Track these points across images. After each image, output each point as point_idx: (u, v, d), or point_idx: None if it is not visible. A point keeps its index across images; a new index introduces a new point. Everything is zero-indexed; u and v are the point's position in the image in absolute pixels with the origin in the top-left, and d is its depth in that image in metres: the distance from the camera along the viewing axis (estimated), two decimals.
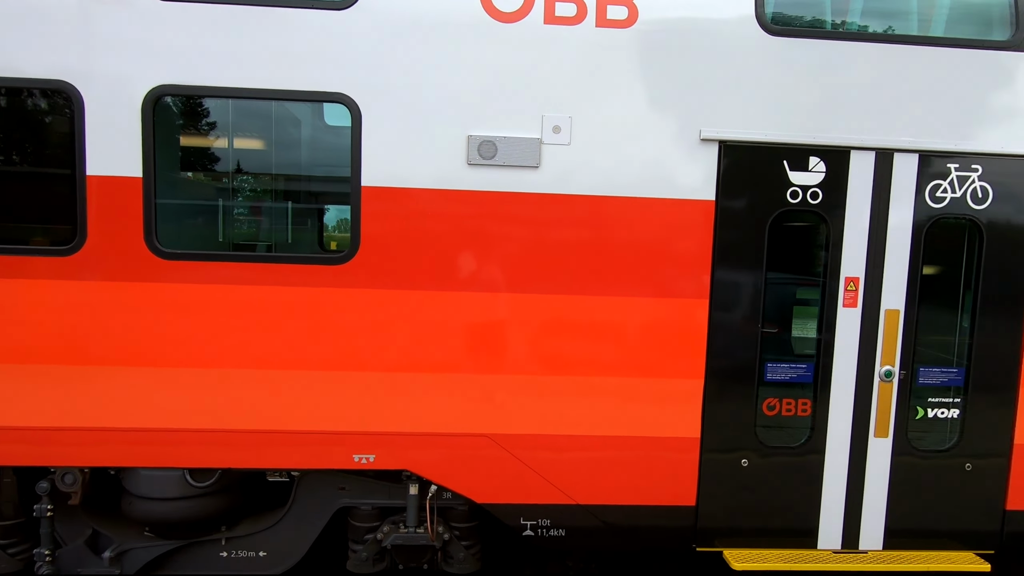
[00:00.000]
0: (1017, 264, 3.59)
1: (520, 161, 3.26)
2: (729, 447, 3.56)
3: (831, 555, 3.63)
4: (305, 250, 3.93)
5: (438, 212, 3.28)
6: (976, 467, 3.68)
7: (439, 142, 3.25)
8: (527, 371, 3.38)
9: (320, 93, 3.23)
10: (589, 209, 3.34)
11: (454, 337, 3.33)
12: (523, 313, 3.35)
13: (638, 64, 3.31)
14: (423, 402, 3.34)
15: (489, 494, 3.47)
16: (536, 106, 3.28)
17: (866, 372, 3.59)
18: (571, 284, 3.34)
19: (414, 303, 3.29)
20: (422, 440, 3.37)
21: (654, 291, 3.40)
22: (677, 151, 3.36)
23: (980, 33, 3.63)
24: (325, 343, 3.27)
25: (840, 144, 3.44)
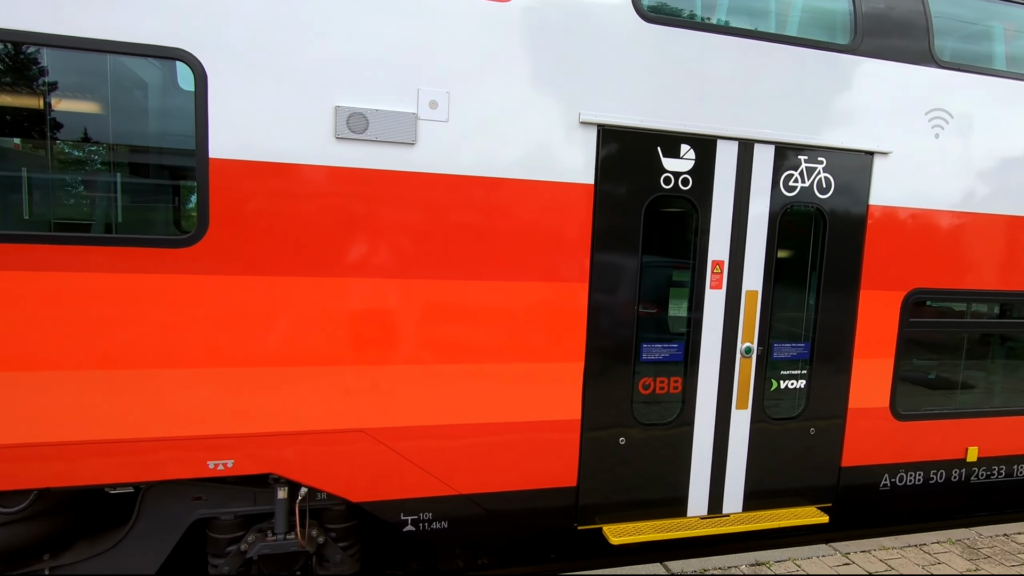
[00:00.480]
0: (853, 249, 3.94)
1: (394, 137, 3.06)
2: (608, 427, 3.62)
3: (699, 521, 3.85)
4: (158, 233, 3.38)
5: (302, 190, 2.98)
6: (818, 430, 4.05)
7: (302, 112, 2.95)
8: (403, 360, 3.20)
9: (154, 47, 2.78)
10: (469, 190, 3.21)
11: (322, 327, 3.07)
12: (398, 300, 3.16)
13: (518, 41, 3.22)
14: (289, 398, 3.06)
15: (366, 492, 3.28)
16: (412, 79, 3.08)
17: (729, 349, 3.79)
18: (449, 269, 3.20)
19: (274, 290, 2.98)
20: (289, 440, 3.09)
21: (535, 275, 3.34)
22: (557, 133, 3.32)
23: (826, 36, 3.89)
24: (168, 337, 2.87)
25: (708, 133, 3.56)
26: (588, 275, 3.43)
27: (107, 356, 2.82)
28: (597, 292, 3.47)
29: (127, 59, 3.03)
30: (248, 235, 2.92)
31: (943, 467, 4.37)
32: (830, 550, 3.74)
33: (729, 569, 3.48)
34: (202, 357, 2.91)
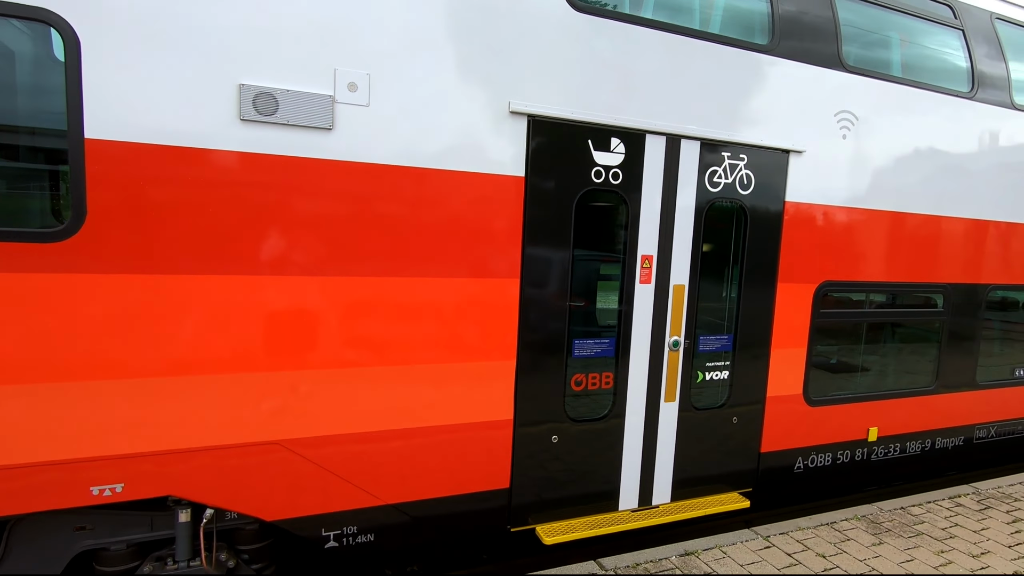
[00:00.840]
0: (771, 244, 4.08)
1: (308, 121, 2.80)
2: (541, 425, 3.55)
3: (630, 514, 3.87)
4: (31, 225, 2.82)
5: (200, 177, 2.65)
6: (740, 419, 4.19)
7: (200, 89, 2.62)
8: (321, 365, 2.96)
9: (12, 6, 2.35)
10: (392, 181, 2.99)
11: (226, 330, 2.76)
12: (315, 299, 2.91)
13: (445, 23, 3.05)
14: (190, 411, 2.74)
15: (282, 509, 3.01)
16: (328, 57, 2.83)
17: (658, 343, 3.82)
18: (371, 265, 2.99)
19: (166, 290, 2.65)
20: (190, 457, 2.77)
21: (463, 271, 3.19)
22: (486, 123, 3.18)
23: (747, 36, 3.97)
24: (35, 347, 2.47)
25: (637, 127, 3.53)
26: (519, 270, 3.33)
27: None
28: (528, 288, 3.37)
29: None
30: (134, 227, 2.55)
31: (848, 448, 4.68)
32: (752, 534, 3.87)
33: (660, 561, 3.51)
34: (79, 368, 2.54)
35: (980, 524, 4.16)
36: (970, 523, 4.17)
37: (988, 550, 3.80)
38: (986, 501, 4.55)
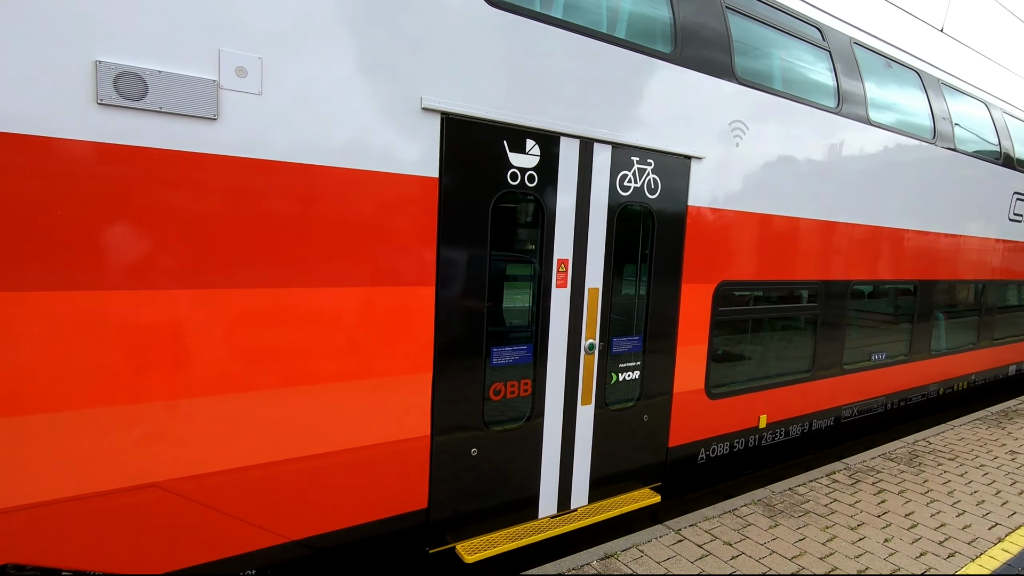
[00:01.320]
0: (676, 246, 4.24)
1: (186, 108, 2.42)
2: (460, 439, 3.40)
3: (549, 521, 3.83)
4: None
5: (43, 169, 2.20)
6: (650, 416, 4.32)
7: (41, 65, 2.16)
8: (206, 391, 2.59)
9: None
10: (290, 180, 2.68)
11: (87, 356, 2.33)
12: (202, 315, 2.55)
13: (352, 7, 2.80)
14: (37, 458, 2.28)
15: (164, 562, 2.61)
16: (211, 36, 2.45)
17: (574, 347, 3.81)
18: (265, 276, 2.67)
19: (9, 312, 2.18)
20: (38, 516, 2.31)
21: (373, 279, 2.96)
22: (397, 119, 2.96)
23: (654, 43, 4.05)
24: None
25: (552, 129, 3.48)
26: (434, 278, 3.15)
27: None
28: (444, 295, 3.20)
29: None
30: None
31: (743, 436, 5.04)
32: (665, 529, 3.99)
33: (582, 568, 3.49)
34: None
35: (853, 498, 4.62)
36: (846, 497, 4.62)
37: (863, 522, 4.23)
38: (856, 475, 5.08)
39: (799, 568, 3.58)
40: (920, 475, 5.16)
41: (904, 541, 3.97)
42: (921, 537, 4.04)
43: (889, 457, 5.57)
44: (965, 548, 3.92)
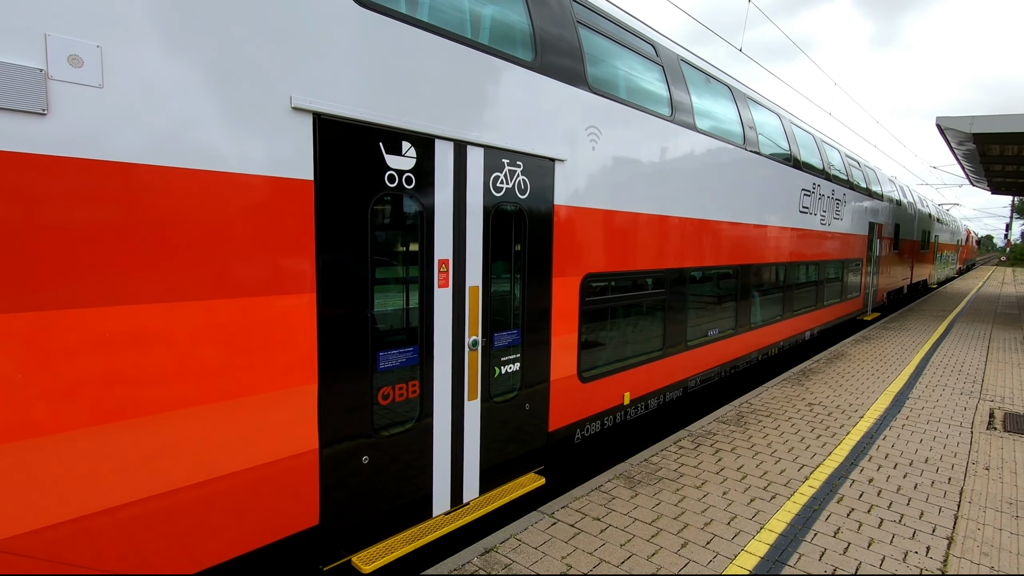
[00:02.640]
0: (545, 242, 4.49)
1: (8, 102, 2.07)
2: (349, 449, 3.29)
3: (444, 518, 3.85)
4: None
5: None
6: (531, 404, 4.55)
7: None
8: (46, 429, 2.25)
9: None
10: (138, 183, 2.39)
11: None
12: (35, 339, 2.20)
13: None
14: None
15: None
16: (35, 18, 2.12)
17: (459, 344, 3.87)
18: (115, 291, 2.37)
19: None
20: None
21: (246, 289, 2.76)
22: (264, 117, 2.78)
23: (518, 51, 4.23)
24: None
25: (426, 132, 3.49)
26: (314, 284, 3.02)
27: None
28: (326, 302, 3.08)
29: None
30: None
31: (611, 413, 5.52)
32: (539, 515, 4.14)
33: (463, 567, 3.48)
34: None
35: (697, 460, 5.21)
36: (691, 460, 5.19)
37: (706, 480, 4.78)
38: (697, 440, 5.73)
39: (657, 531, 3.93)
40: (746, 432, 5.97)
41: (738, 492, 4.57)
42: (751, 486, 4.68)
43: (722, 420, 6.37)
44: (783, 490, 4.62)
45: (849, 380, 8.31)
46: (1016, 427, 6.32)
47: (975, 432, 6.13)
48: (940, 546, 3.82)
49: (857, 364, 9.42)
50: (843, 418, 6.52)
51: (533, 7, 4.34)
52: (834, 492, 4.59)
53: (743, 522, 4.08)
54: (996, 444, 5.78)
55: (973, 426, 6.33)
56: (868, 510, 4.29)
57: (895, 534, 3.96)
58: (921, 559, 3.66)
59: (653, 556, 3.63)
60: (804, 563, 3.57)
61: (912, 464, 5.21)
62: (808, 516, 4.19)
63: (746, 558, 3.62)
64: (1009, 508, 4.38)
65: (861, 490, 4.64)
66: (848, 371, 8.90)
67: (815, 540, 3.85)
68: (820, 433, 6.00)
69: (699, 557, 3.63)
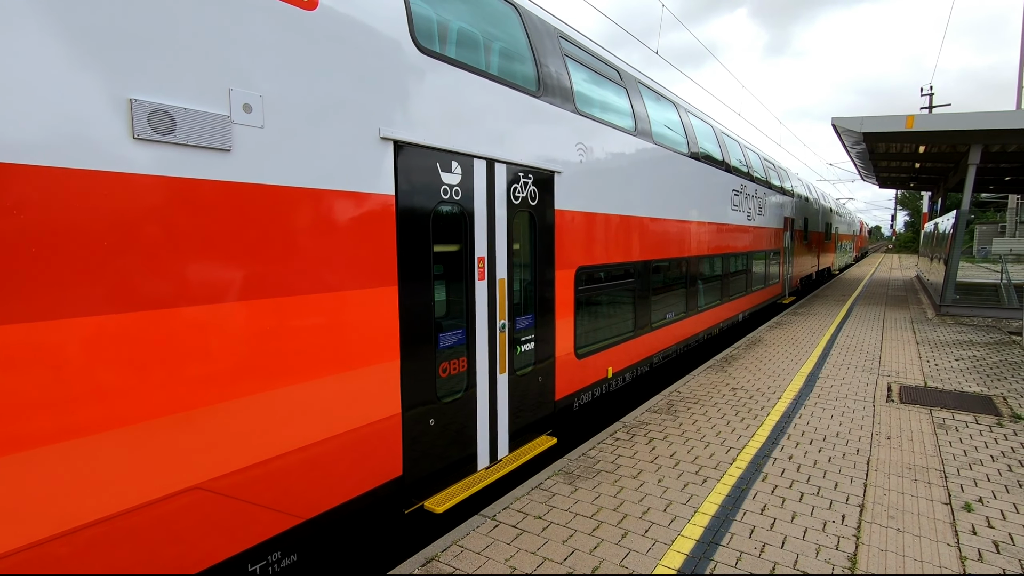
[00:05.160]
0: (550, 241, 5.36)
1: (207, 141, 2.67)
2: (421, 413, 4.01)
3: (485, 472, 4.66)
4: None
5: (88, 203, 2.28)
6: (543, 377, 5.39)
7: (79, 101, 2.26)
8: (238, 393, 2.87)
9: None
10: (287, 201, 3.04)
11: (126, 377, 2.46)
12: (223, 326, 2.79)
13: (321, 51, 3.23)
14: (89, 477, 2.35)
15: (204, 558, 2.78)
16: (222, 76, 2.75)
17: (492, 327, 4.66)
18: (275, 286, 3.00)
19: (62, 336, 2.25)
20: (101, 532, 2.37)
21: (354, 283, 3.43)
22: (364, 147, 3.47)
23: (527, 84, 5.14)
24: None
25: (468, 152, 4.28)
26: (396, 278, 3.70)
27: None
28: (404, 293, 3.76)
29: None
30: (14, 264, 2.12)
31: (599, 385, 6.48)
32: (481, 519, 4.08)
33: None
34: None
35: (632, 451, 5.34)
36: (626, 451, 5.31)
37: (642, 470, 4.91)
38: (632, 431, 5.88)
39: (598, 523, 3.98)
40: (676, 420, 6.20)
41: (673, 478, 4.72)
42: (684, 472, 4.85)
43: (654, 410, 6.58)
44: (713, 473, 4.82)
45: (767, 364, 8.85)
46: (911, 399, 6.96)
47: (877, 405, 6.70)
48: (853, 513, 4.12)
49: (773, 349, 10.06)
50: (763, 400, 6.92)
51: (536, 44, 5.30)
52: (759, 471, 4.85)
53: (678, 507, 4.22)
54: (895, 415, 6.34)
55: (875, 400, 6.91)
56: (790, 485, 4.57)
57: (814, 506, 4.23)
58: (839, 527, 3.93)
59: (595, 549, 3.66)
60: (736, 542, 3.74)
61: (825, 439, 5.60)
62: (737, 496, 4.39)
63: (683, 542, 3.74)
64: (909, 473, 4.81)
65: (783, 467, 4.93)
66: (765, 356, 9.48)
67: (744, 519, 4.04)
68: (744, 416, 6.33)
69: (639, 546, 3.70)
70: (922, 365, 8.80)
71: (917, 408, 6.59)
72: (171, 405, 2.61)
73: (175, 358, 2.61)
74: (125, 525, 2.46)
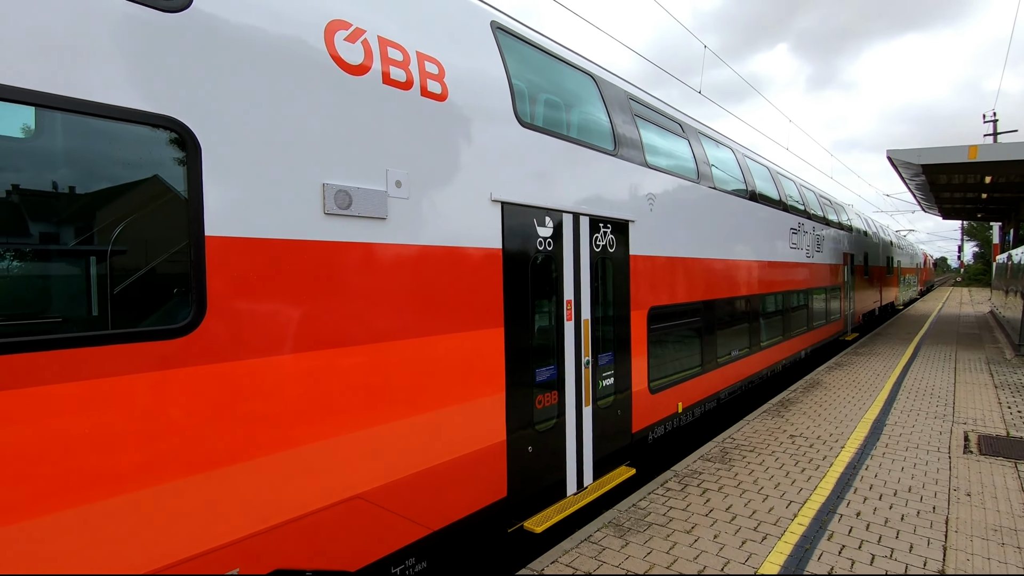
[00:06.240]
0: (626, 284, 5.82)
1: (372, 212, 3.32)
2: (521, 440, 4.45)
3: (573, 498, 5.00)
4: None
5: (296, 266, 2.96)
6: (622, 410, 5.75)
7: (294, 188, 2.97)
8: (387, 419, 3.41)
9: (147, 114, 2.40)
10: (425, 258, 3.65)
11: (319, 401, 3.05)
12: (383, 361, 3.38)
13: (449, 132, 3.89)
14: (287, 484, 2.90)
15: (363, 557, 3.31)
16: (381, 160, 3.41)
17: (578, 363, 5.10)
18: (418, 327, 3.58)
19: (275, 371, 2.86)
20: (292, 528, 2.91)
21: (476, 325, 4.00)
22: (478, 209, 4.08)
23: (604, 144, 5.66)
24: (157, 447, 2.42)
25: (558, 208, 4.84)
26: (503, 321, 4.24)
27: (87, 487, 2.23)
28: (509, 333, 4.30)
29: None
30: (245, 317, 2.78)
31: (670, 419, 6.73)
32: (528, 571, 3.98)
33: None
34: (200, 462, 2.57)
35: (685, 502, 5.13)
36: (679, 503, 5.11)
37: (696, 523, 4.69)
38: (684, 480, 5.66)
39: None
40: (731, 469, 5.94)
41: (729, 534, 4.49)
42: (741, 527, 4.61)
43: (706, 458, 6.32)
44: (773, 529, 4.56)
45: (827, 409, 8.40)
46: (991, 450, 6.43)
47: (953, 457, 6.21)
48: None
49: (833, 392, 9.55)
50: (825, 449, 6.54)
51: (610, 108, 5.85)
52: (824, 529, 4.55)
53: (736, 567, 3.99)
54: (975, 468, 5.86)
55: (950, 451, 6.42)
56: (859, 546, 4.26)
57: (887, 571, 3.92)
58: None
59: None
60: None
61: (896, 494, 5.22)
62: (800, 556, 4.13)
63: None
64: (995, 535, 4.40)
65: (850, 525, 4.61)
66: (825, 400, 9.00)
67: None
68: (804, 466, 6.00)
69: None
70: (1003, 412, 8.13)
71: (1000, 461, 6.07)
72: (360, 422, 3.25)
73: (363, 386, 3.29)
74: (334, 516, 3.13)
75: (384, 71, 3.41)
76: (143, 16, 2.40)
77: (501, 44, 4.48)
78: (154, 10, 2.43)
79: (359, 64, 3.28)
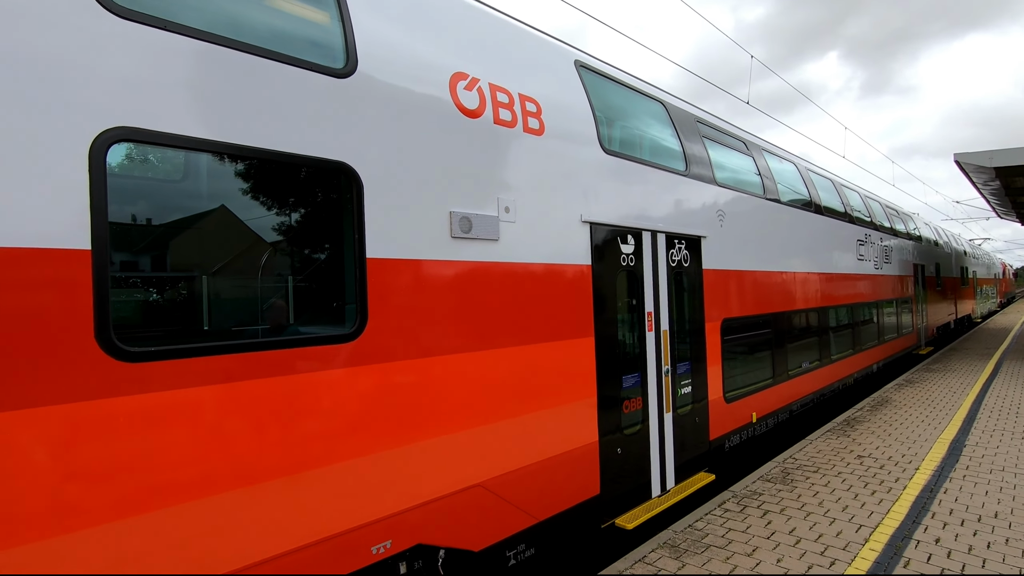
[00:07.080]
0: (700, 296, 6.08)
1: (487, 235, 3.83)
2: (611, 442, 4.82)
3: (657, 500, 5.29)
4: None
5: (431, 282, 3.50)
6: (699, 418, 5.99)
7: (430, 216, 3.52)
8: (502, 416, 3.86)
9: (325, 160, 3.06)
10: (529, 274, 4.13)
11: (452, 398, 3.55)
12: (497, 364, 3.85)
13: (546, 162, 4.37)
14: (427, 469, 3.39)
15: (485, 539, 3.73)
16: (493, 189, 3.94)
17: (659, 371, 5.44)
18: (524, 335, 4.06)
19: (418, 371, 3.38)
20: (430, 508, 3.39)
21: (571, 334, 4.43)
22: (571, 229, 4.54)
23: (677, 165, 5.99)
24: (335, 431, 3.01)
25: (638, 227, 5.25)
26: (593, 330, 4.64)
27: (283, 463, 2.82)
28: (599, 343, 4.69)
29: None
30: (397, 325, 3.32)
31: (745, 429, 6.89)
32: None
33: None
34: (364, 445, 3.10)
35: (744, 524, 4.92)
36: (738, 525, 4.90)
37: (757, 546, 4.49)
38: (743, 501, 5.43)
39: None
40: (794, 491, 5.66)
41: (793, 558, 4.27)
42: (806, 551, 4.37)
43: (767, 479, 6.05)
44: (841, 554, 4.31)
45: (898, 428, 7.89)
46: None
47: None
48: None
49: (904, 410, 8.97)
50: (897, 471, 6.15)
51: (680, 131, 6.23)
52: (899, 555, 4.26)
53: None
54: None
55: None
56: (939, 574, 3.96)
57: None
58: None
59: None
60: None
61: (980, 520, 4.83)
62: None
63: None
64: None
65: (928, 552, 4.30)
66: (895, 418, 8.47)
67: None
68: (875, 488, 5.65)
69: None
70: None
71: None
72: (481, 417, 3.70)
73: (482, 385, 3.76)
74: (464, 501, 3.61)
75: (494, 113, 3.95)
76: (323, 83, 3.06)
77: (584, 80, 4.99)
78: (331, 77, 3.10)
79: (475, 109, 3.83)
